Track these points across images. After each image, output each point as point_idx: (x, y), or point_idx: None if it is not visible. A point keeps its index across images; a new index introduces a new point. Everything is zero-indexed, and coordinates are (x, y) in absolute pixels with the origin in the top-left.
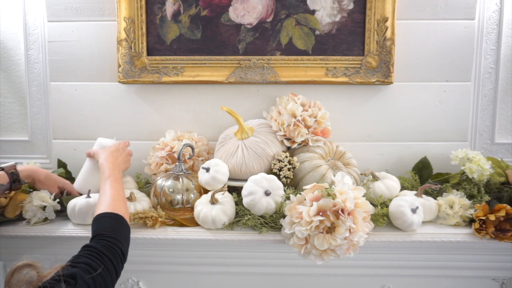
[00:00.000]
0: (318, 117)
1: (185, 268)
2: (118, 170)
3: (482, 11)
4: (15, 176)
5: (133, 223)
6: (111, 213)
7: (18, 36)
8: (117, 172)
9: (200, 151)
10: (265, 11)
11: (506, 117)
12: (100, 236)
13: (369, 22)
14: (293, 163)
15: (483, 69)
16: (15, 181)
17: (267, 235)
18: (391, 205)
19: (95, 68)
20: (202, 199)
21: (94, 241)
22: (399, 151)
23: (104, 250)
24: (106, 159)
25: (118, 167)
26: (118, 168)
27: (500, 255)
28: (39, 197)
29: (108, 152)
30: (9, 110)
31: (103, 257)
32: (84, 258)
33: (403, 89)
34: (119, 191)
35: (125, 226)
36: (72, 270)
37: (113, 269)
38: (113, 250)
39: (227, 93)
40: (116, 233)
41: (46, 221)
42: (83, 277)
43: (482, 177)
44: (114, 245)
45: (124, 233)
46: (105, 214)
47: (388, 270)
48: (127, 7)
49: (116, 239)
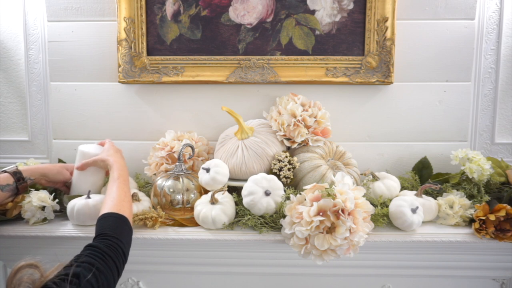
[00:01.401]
0: (318, 117)
1: (185, 268)
2: (126, 171)
3: (482, 11)
4: (19, 174)
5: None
6: (116, 214)
7: (18, 36)
8: (126, 174)
9: (200, 151)
10: (265, 11)
11: (506, 117)
12: (103, 235)
13: (369, 22)
14: (293, 163)
15: (483, 69)
16: (19, 180)
17: (267, 235)
18: (391, 205)
19: (95, 68)
20: (202, 199)
21: (97, 240)
22: (399, 151)
23: (107, 250)
24: (115, 159)
25: (125, 168)
26: (125, 169)
27: (500, 255)
28: (38, 198)
29: (114, 153)
30: (9, 110)
31: (105, 257)
32: (87, 258)
33: (403, 89)
34: (126, 193)
35: (128, 228)
36: (75, 270)
37: (115, 269)
38: (115, 250)
39: (227, 93)
40: (119, 234)
41: (45, 221)
42: (86, 277)
43: (482, 177)
44: (116, 245)
45: (127, 234)
46: (110, 214)
47: (388, 270)
48: (127, 7)
49: (119, 239)
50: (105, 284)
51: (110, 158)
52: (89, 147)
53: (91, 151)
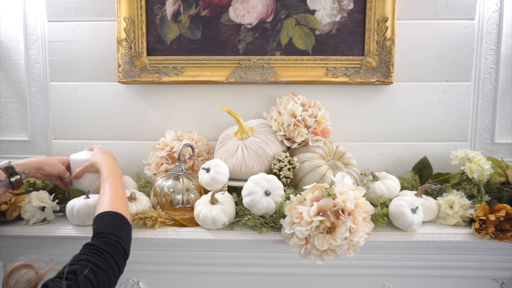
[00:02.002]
0: (318, 117)
1: (185, 268)
2: (117, 170)
3: (482, 11)
4: (11, 170)
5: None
6: (111, 212)
7: (18, 36)
8: (116, 172)
9: (200, 151)
10: (265, 11)
11: (506, 117)
12: (100, 234)
13: (369, 22)
14: (293, 163)
15: (483, 69)
16: (12, 175)
17: (267, 235)
18: (391, 205)
19: (95, 68)
20: (202, 199)
21: (94, 239)
22: (399, 151)
23: (104, 247)
24: (104, 161)
25: (116, 167)
26: (116, 168)
27: (500, 255)
28: (38, 198)
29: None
30: (9, 110)
31: (103, 253)
32: (84, 256)
33: (403, 89)
34: (118, 191)
35: (126, 224)
36: (72, 267)
37: (115, 265)
38: (113, 247)
39: (227, 93)
40: (116, 230)
41: (45, 222)
42: (83, 272)
43: (482, 177)
44: (115, 242)
45: (126, 230)
46: (105, 213)
47: (388, 270)
48: (127, 7)
49: (117, 236)
50: (105, 280)
51: (99, 161)
52: (79, 155)
53: (81, 157)
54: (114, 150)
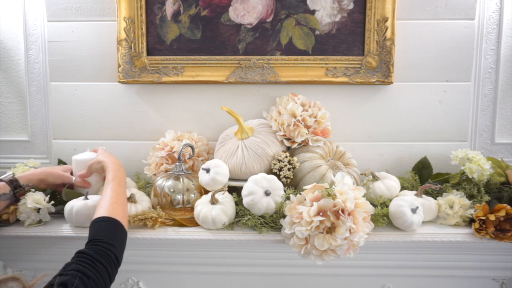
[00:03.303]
0: (318, 117)
1: (185, 268)
2: (123, 173)
3: (482, 11)
4: (15, 183)
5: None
6: (108, 218)
7: (18, 36)
8: (121, 175)
9: (200, 151)
10: (265, 11)
11: (506, 117)
12: (95, 241)
13: (369, 22)
14: (293, 163)
15: (483, 69)
16: (16, 188)
17: (267, 235)
18: (391, 205)
19: (95, 68)
20: (202, 199)
21: (88, 247)
22: (399, 151)
23: (97, 256)
24: (111, 162)
25: (122, 170)
26: (122, 171)
27: (500, 255)
28: (33, 199)
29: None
30: (9, 110)
31: (95, 263)
32: (75, 265)
33: (403, 89)
34: (119, 195)
35: (122, 232)
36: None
37: (106, 275)
38: (106, 256)
39: (227, 93)
40: (111, 238)
41: (40, 223)
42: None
43: (482, 177)
44: (108, 250)
45: (120, 238)
46: (103, 218)
47: (388, 270)
48: (127, 7)
49: (111, 245)
50: None
51: (105, 159)
52: (82, 155)
53: (85, 157)
54: (114, 150)
